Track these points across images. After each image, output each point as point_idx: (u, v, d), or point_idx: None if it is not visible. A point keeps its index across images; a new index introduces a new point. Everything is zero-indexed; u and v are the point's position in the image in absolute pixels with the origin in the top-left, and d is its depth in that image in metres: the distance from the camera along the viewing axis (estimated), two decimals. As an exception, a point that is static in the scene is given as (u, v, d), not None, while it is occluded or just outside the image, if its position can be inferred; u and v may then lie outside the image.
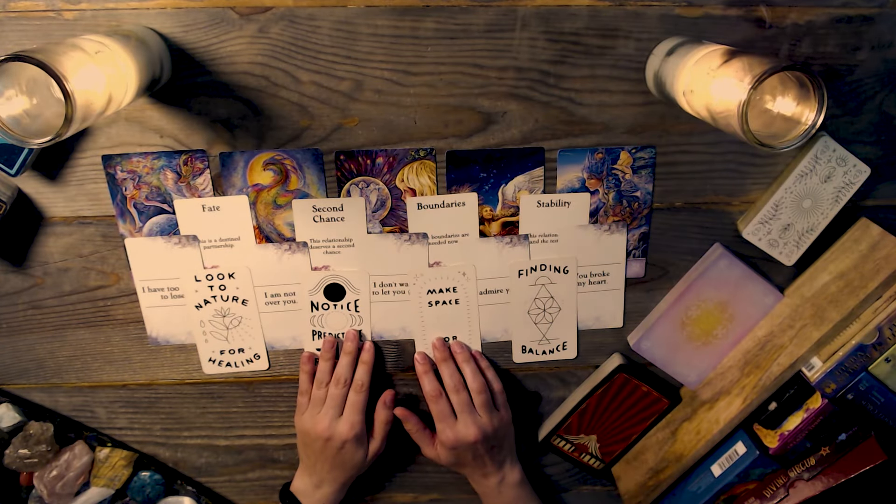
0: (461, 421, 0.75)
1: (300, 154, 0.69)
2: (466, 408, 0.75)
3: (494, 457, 0.77)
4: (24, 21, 0.62)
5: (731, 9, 0.65)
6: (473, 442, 0.74)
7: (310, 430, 0.75)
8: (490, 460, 0.77)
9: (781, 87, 0.54)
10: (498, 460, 0.77)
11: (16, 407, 0.77)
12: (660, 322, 0.77)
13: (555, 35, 0.66)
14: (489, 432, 0.75)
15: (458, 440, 0.74)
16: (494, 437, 0.76)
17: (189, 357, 0.78)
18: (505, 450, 0.78)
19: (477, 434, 0.74)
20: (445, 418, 0.75)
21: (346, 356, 0.76)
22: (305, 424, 0.76)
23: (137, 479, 0.81)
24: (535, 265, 0.75)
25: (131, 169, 0.69)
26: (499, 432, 0.76)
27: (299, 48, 0.65)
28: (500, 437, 0.77)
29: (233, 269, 0.73)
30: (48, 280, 0.73)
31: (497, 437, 0.76)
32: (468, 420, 0.74)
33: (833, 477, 0.70)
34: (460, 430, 0.74)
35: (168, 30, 0.63)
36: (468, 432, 0.74)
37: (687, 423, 0.79)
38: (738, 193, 0.73)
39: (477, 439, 0.74)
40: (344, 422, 0.74)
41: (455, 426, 0.75)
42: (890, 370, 0.69)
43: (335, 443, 0.74)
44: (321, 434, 0.74)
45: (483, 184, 0.72)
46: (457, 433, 0.74)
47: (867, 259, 0.69)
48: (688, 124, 0.70)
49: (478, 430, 0.74)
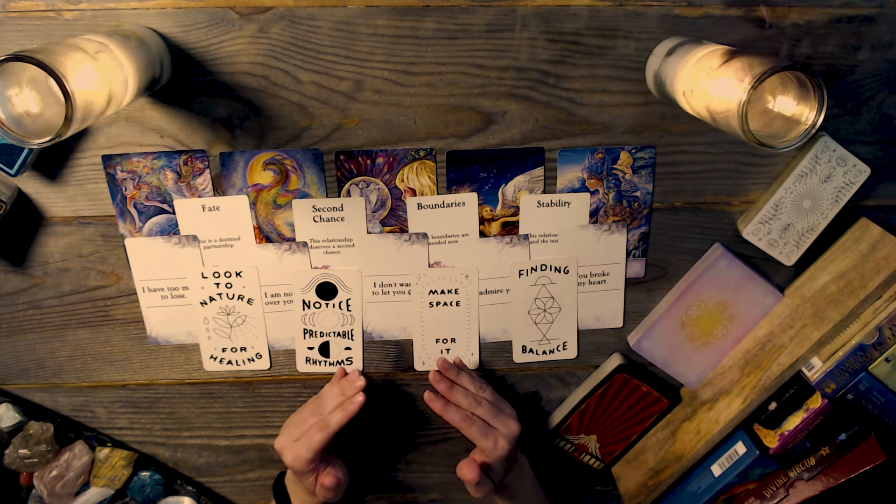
0: (500, 423, 0.72)
1: (300, 154, 0.69)
2: (494, 410, 0.73)
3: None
4: (24, 21, 0.62)
5: (731, 9, 0.65)
6: (519, 431, 0.73)
7: (281, 429, 0.74)
8: (525, 463, 0.78)
9: (781, 87, 0.54)
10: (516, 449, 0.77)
11: (16, 407, 0.77)
12: (660, 322, 0.77)
13: (555, 35, 0.66)
14: (516, 416, 0.74)
15: (510, 440, 0.72)
16: (523, 458, 0.77)
17: (189, 357, 0.78)
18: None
19: (517, 423, 0.73)
20: (487, 432, 0.71)
21: (334, 389, 0.75)
22: (286, 423, 0.75)
23: (137, 479, 0.81)
24: (536, 265, 0.75)
25: (131, 169, 0.69)
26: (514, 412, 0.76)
27: (299, 48, 0.65)
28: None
29: (240, 268, 0.73)
30: (48, 280, 0.73)
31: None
32: (505, 419, 0.72)
33: (833, 477, 0.70)
34: (506, 433, 0.72)
35: (168, 30, 0.63)
36: (512, 427, 0.72)
37: (687, 423, 0.79)
38: (738, 193, 0.73)
39: (519, 429, 0.73)
40: (291, 449, 0.71)
41: (499, 433, 0.72)
42: (890, 370, 0.69)
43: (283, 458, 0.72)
44: (276, 443, 0.73)
45: (483, 184, 0.72)
46: (507, 437, 0.72)
47: (867, 259, 0.69)
48: (688, 124, 0.70)
49: (515, 419, 0.73)
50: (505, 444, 0.71)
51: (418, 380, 0.81)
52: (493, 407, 0.73)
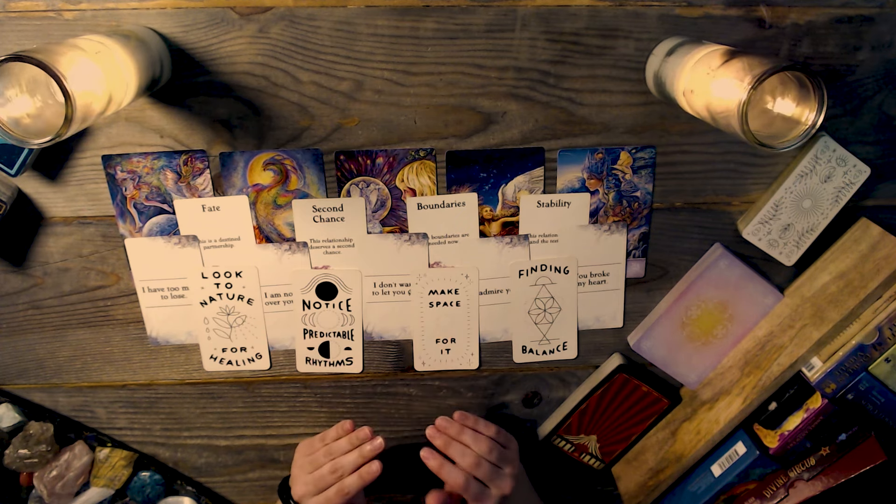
0: (496, 485, 0.70)
1: (300, 154, 0.69)
2: (491, 473, 0.71)
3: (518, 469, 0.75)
4: (24, 21, 0.62)
5: (731, 9, 0.65)
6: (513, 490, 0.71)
7: (293, 470, 0.74)
8: (522, 474, 0.75)
9: (781, 87, 0.54)
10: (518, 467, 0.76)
11: (16, 407, 0.77)
12: (660, 322, 0.77)
13: (555, 35, 0.66)
14: (517, 472, 0.72)
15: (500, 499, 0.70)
16: (520, 468, 0.74)
17: (189, 357, 0.78)
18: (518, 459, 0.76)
19: (512, 483, 0.71)
20: (483, 496, 0.70)
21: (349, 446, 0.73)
22: (296, 460, 0.74)
23: (137, 479, 0.81)
24: (536, 265, 0.75)
25: (131, 169, 0.69)
26: (517, 457, 0.75)
27: (299, 48, 0.65)
28: (517, 456, 0.75)
29: (240, 268, 0.73)
30: (48, 280, 0.73)
31: (518, 460, 0.75)
32: (501, 482, 0.71)
33: (833, 477, 0.70)
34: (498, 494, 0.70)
35: (168, 30, 0.63)
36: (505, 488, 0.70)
37: (687, 423, 0.79)
38: (738, 193, 0.73)
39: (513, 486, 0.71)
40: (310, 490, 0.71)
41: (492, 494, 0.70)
42: (890, 370, 0.69)
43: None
44: (295, 492, 0.72)
45: (483, 184, 0.72)
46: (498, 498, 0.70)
47: (867, 259, 0.69)
48: (688, 124, 0.70)
49: (511, 481, 0.71)
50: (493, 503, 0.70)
51: (418, 380, 0.81)
52: (492, 469, 0.71)
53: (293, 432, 0.82)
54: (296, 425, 0.82)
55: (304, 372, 0.79)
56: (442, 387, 0.81)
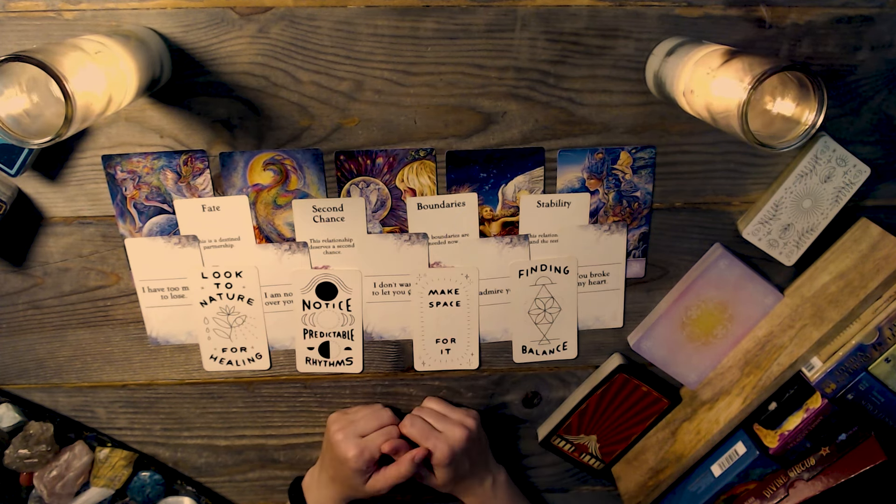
0: (445, 429, 0.76)
1: (300, 154, 0.69)
2: (442, 418, 0.77)
3: (483, 458, 0.79)
4: (24, 21, 0.62)
5: (731, 9, 0.65)
6: (466, 440, 0.75)
7: (331, 426, 0.77)
8: (481, 462, 0.79)
9: (781, 87, 0.54)
10: (484, 461, 0.79)
11: (16, 407, 0.77)
12: (660, 322, 0.77)
13: (555, 35, 0.66)
14: (473, 429, 0.76)
15: (452, 446, 0.75)
16: (478, 435, 0.78)
17: (189, 357, 0.78)
18: (487, 450, 0.80)
19: (464, 432, 0.75)
20: (430, 435, 0.76)
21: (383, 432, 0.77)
22: (332, 422, 0.78)
23: (137, 479, 0.81)
24: (536, 265, 0.75)
25: (131, 169, 0.69)
26: (479, 431, 0.78)
27: (299, 48, 0.65)
28: (481, 435, 0.79)
29: (240, 268, 0.73)
30: (48, 280, 0.73)
31: (479, 436, 0.78)
32: (450, 425, 0.76)
33: (833, 477, 0.70)
34: (450, 436, 0.75)
35: (168, 30, 0.63)
36: (455, 433, 0.75)
37: (687, 423, 0.79)
38: (738, 193, 0.73)
39: (466, 436, 0.75)
40: (357, 444, 0.74)
41: (441, 436, 0.75)
42: (890, 370, 0.69)
43: (340, 454, 0.74)
44: (332, 436, 0.75)
45: (483, 184, 0.72)
46: (448, 440, 0.75)
47: (867, 259, 0.69)
48: (688, 124, 0.70)
49: (463, 429, 0.76)
50: (445, 447, 0.74)
51: (418, 380, 0.81)
52: (437, 414, 0.78)
53: (293, 432, 0.82)
54: (296, 425, 0.82)
55: (304, 372, 0.79)
56: (442, 387, 0.81)
